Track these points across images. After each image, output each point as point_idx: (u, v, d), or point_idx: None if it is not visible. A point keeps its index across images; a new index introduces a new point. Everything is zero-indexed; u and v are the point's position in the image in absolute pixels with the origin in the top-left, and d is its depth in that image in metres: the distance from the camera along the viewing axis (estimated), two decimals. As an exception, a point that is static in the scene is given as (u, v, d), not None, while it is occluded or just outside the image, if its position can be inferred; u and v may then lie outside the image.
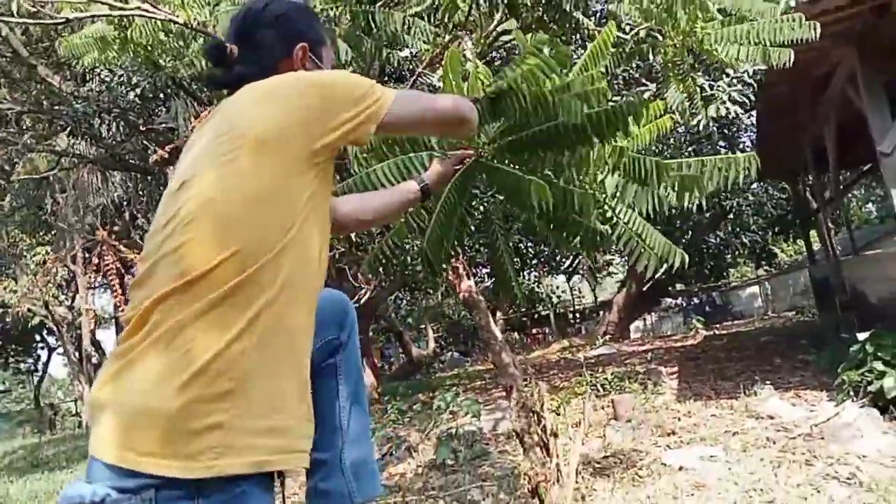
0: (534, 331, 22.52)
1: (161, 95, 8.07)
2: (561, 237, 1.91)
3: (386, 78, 9.26)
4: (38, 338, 24.18)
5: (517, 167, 1.84)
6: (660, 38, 2.98)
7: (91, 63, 3.46)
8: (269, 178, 1.12)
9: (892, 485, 3.65)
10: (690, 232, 16.39)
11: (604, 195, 1.84)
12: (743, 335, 12.70)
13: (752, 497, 3.80)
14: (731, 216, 15.33)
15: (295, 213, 1.14)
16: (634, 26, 3.50)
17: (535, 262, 17.70)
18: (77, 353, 17.96)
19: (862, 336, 5.16)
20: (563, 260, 18.55)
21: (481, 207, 1.85)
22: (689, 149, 10.23)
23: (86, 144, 9.66)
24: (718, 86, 5.84)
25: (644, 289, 16.65)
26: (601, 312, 18.74)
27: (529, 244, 15.26)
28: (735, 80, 6.12)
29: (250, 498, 1.04)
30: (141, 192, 13.57)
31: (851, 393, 5.05)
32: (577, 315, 23.60)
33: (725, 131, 11.29)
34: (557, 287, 23.92)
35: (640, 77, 6.76)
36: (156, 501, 0.97)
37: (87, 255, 13.26)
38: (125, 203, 14.83)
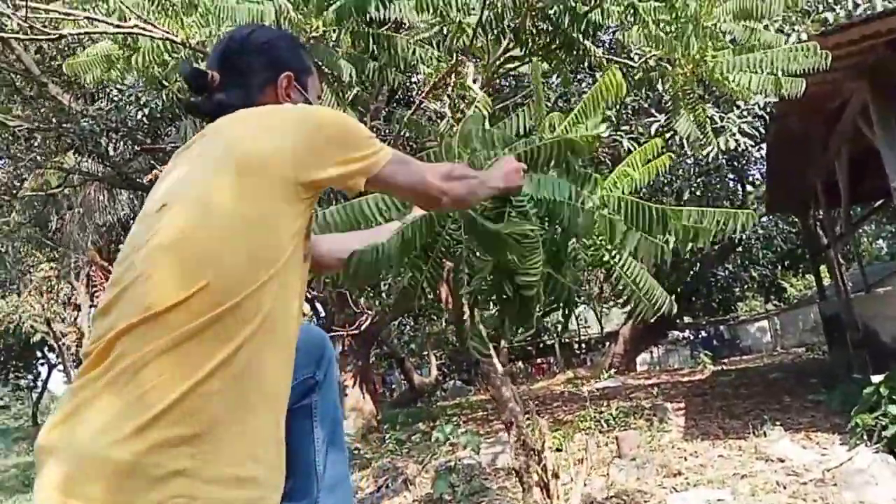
0: (538, 360, 22.27)
1: (169, 115, 8.09)
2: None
3: (394, 104, 9.28)
4: (39, 354, 24.12)
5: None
6: (669, 67, 2.92)
7: (93, 81, 3.42)
8: (253, 205, 1.05)
9: (910, 537, 3.48)
10: (699, 264, 16.23)
11: (603, 240, 1.78)
12: (752, 371, 12.47)
13: (761, 546, 3.63)
14: (740, 249, 15.19)
15: (280, 247, 1.06)
16: (643, 55, 3.45)
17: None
18: (76, 371, 17.86)
19: (876, 378, 4.99)
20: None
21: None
22: (699, 180, 10.14)
23: (93, 162, 9.69)
24: (728, 118, 5.77)
25: (651, 321, 16.43)
26: (607, 343, 18.52)
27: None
28: (746, 113, 6.05)
29: None
30: (147, 212, 13.59)
31: (865, 437, 4.87)
32: (583, 345, 23.34)
33: (735, 164, 11.21)
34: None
35: (649, 107, 6.71)
36: None
37: (90, 273, 13.25)
38: (131, 221, 14.87)
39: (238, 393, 0.98)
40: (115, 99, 7.70)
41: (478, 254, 1.64)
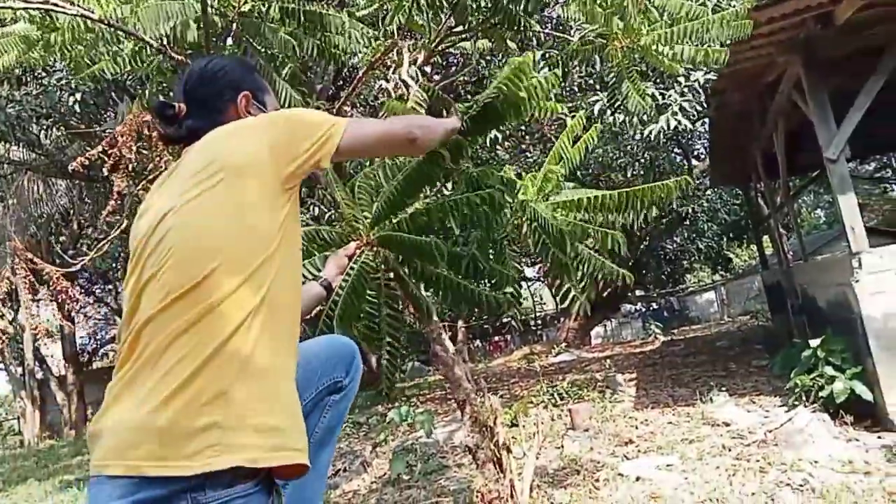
0: (496, 338, 22.49)
1: (104, 99, 7.74)
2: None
3: (341, 82, 9.11)
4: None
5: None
6: (606, 42, 2.92)
7: (9, 64, 3.21)
8: (247, 200, 1.22)
9: (843, 491, 3.65)
10: (648, 238, 16.60)
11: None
12: (700, 340, 12.89)
13: (707, 507, 3.76)
14: (687, 222, 15.59)
15: (273, 233, 1.23)
16: (584, 31, 3.44)
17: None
18: (20, 369, 17.17)
19: (814, 342, 5.20)
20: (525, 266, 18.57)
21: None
22: (645, 155, 10.31)
23: (24, 150, 9.22)
24: (669, 95, 5.84)
25: (604, 295, 16.78)
26: (562, 319, 18.82)
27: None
28: (686, 90, 6.15)
29: (250, 500, 1.09)
30: (87, 201, 13.07)
31: (803, 398, 5.08)
32: (539, 322, 23.66)
33: (679, 139, 11.45)
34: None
35: (593, 83, 6.76)
36: None
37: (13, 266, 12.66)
38: (71, 212, 14.27)
39: (253, 355, 1.13)
40: (45, 83, 7.32)
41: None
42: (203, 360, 1.09)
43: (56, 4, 2.50)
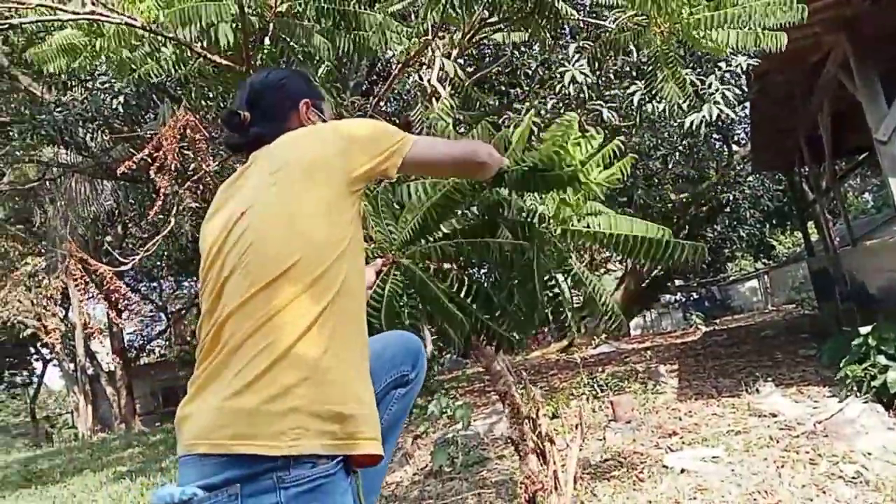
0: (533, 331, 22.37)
1: (146, 102, 7.92)
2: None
3: (375, 77, 9.15)
4: (32, 350, 23.99)
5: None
6: (644, 27, 2.86)
7: (57, 70, 3.32)
8: (320, 197, 1.29)
9: (900, 483, 3.54)
10: (688, 227, 16.28)
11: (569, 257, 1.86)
12: (743, 330, 12.61)
13: (755, 499, 3.68)
14: (728, 210, 15.23)
15: (345, 229, 1.30)
16: (619, 17, 3.38)
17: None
18: (72, 365, 17.81)
19: (864, 330, 5.04)
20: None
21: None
22: (684, 142, 10.10)
23: (71, 153, 9.52)
24: (709, 83, 5.68)
25: (643, 285, 16.54)
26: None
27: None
28: (728, 75, 5.97)
29: (331, 483, 1.14)
30: (132, 201, 13.43)
31: (855, 388, 4.93)
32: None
33: (720, 123, 11.17)
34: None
35: (630, 71, 6.63)
36: (241, 496, 1.08)
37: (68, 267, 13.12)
38: (116, 212, 14.69)
39: (335, 343, 1.19)
40: (89, 87, 7.53)
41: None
42: (276, 357, 1.14)
43: (102, 14, 2.57)
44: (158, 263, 17.39)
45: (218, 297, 1.25)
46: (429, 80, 2.40)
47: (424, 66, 3.50)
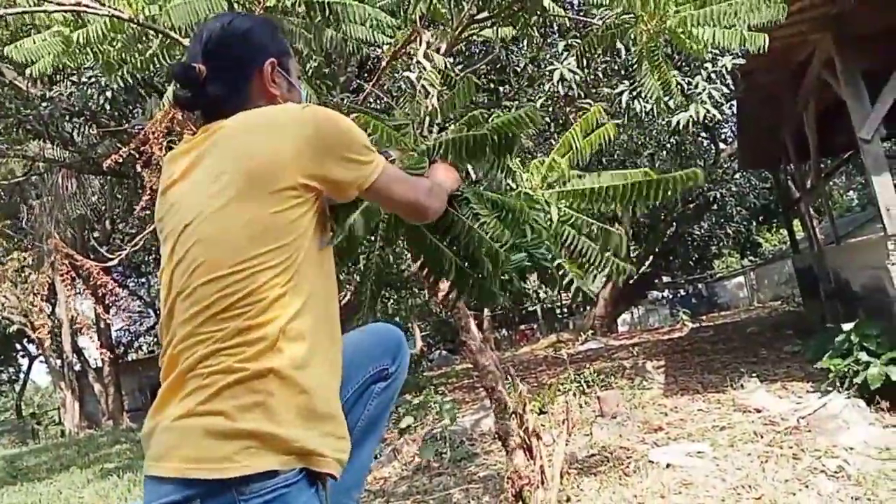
0: (521, 327, 22.47)
1: (133, 97, 7.86)
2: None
3: (366, 75, 9.13)
4: (18, 346, 23.76)
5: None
6: (631, 25, 2.88)
7: (44, 67, 3.28)
8: (265, 209, 1.17)
9: (880, 477, 3.60)
10: (675, 224, 16.39)
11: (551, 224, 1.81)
12: (729, 326, 12.72)
13: (739, 494, 3.73)
14: (715, 207, 15.34)
15: (296, 240, 1.20)
16: (606, 15, 3.40)
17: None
18: (59, 361, 17.66)
19: (847, 326, 5.11)
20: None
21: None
22: (671, 139, 10.16)
23: (58, 148, 9.44)
24: (696, 83, 5.72)
25: (630, 282, 16.63)
26: (588, 307, 18.72)
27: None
28: (713, 75, 6.02)
29: (291, 493, 1.11)
30: (118, 197, 13.33)
31: (837, 384, 5.00)
32: (565, 310, 23.56)
33: (707, 122, 11.24)
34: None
35: (619, 69, 6.67)
36: None
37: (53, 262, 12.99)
38: (104, 208, 14.58)
39: (285, 370, 1.14)
40: (76, 81, 7.47)
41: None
42: (231, 380, 1.11)
43: (87, 6, 2.56)
44: (146, 259, 17.28)
45: (170, 314, 1.21)
46: (417, 77, 2.41)
47: (412, 59, 3.50)
